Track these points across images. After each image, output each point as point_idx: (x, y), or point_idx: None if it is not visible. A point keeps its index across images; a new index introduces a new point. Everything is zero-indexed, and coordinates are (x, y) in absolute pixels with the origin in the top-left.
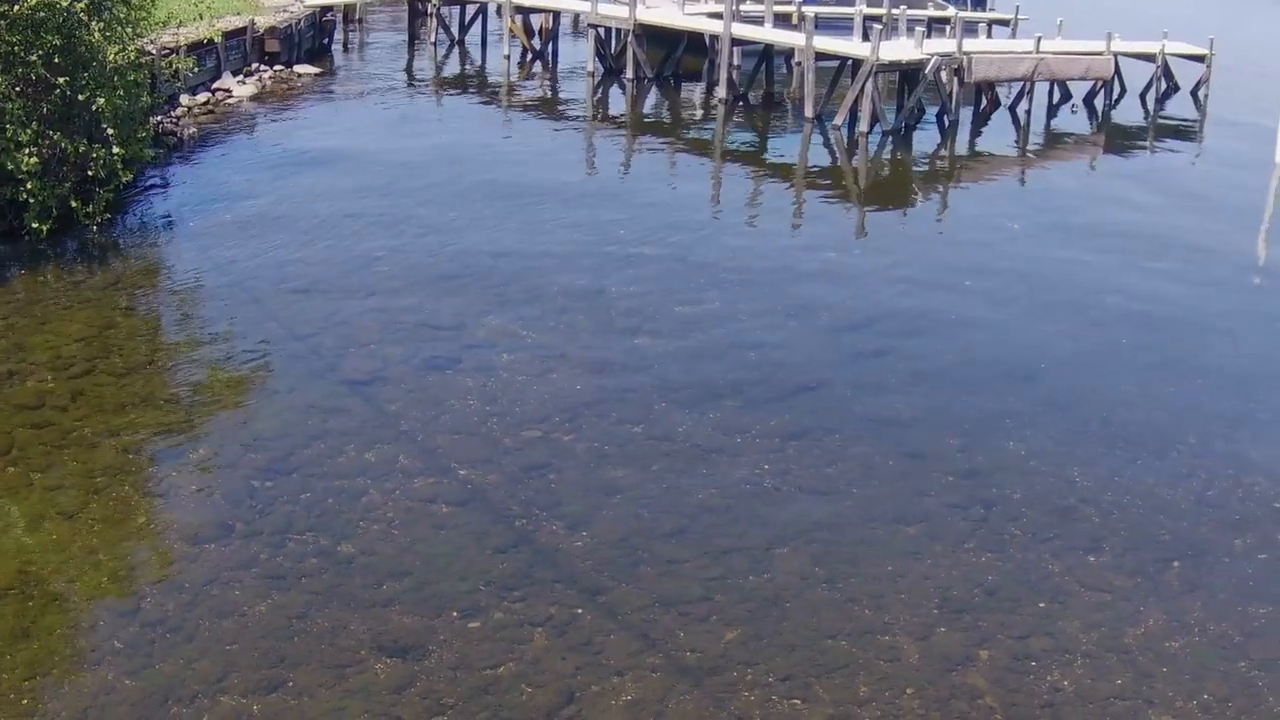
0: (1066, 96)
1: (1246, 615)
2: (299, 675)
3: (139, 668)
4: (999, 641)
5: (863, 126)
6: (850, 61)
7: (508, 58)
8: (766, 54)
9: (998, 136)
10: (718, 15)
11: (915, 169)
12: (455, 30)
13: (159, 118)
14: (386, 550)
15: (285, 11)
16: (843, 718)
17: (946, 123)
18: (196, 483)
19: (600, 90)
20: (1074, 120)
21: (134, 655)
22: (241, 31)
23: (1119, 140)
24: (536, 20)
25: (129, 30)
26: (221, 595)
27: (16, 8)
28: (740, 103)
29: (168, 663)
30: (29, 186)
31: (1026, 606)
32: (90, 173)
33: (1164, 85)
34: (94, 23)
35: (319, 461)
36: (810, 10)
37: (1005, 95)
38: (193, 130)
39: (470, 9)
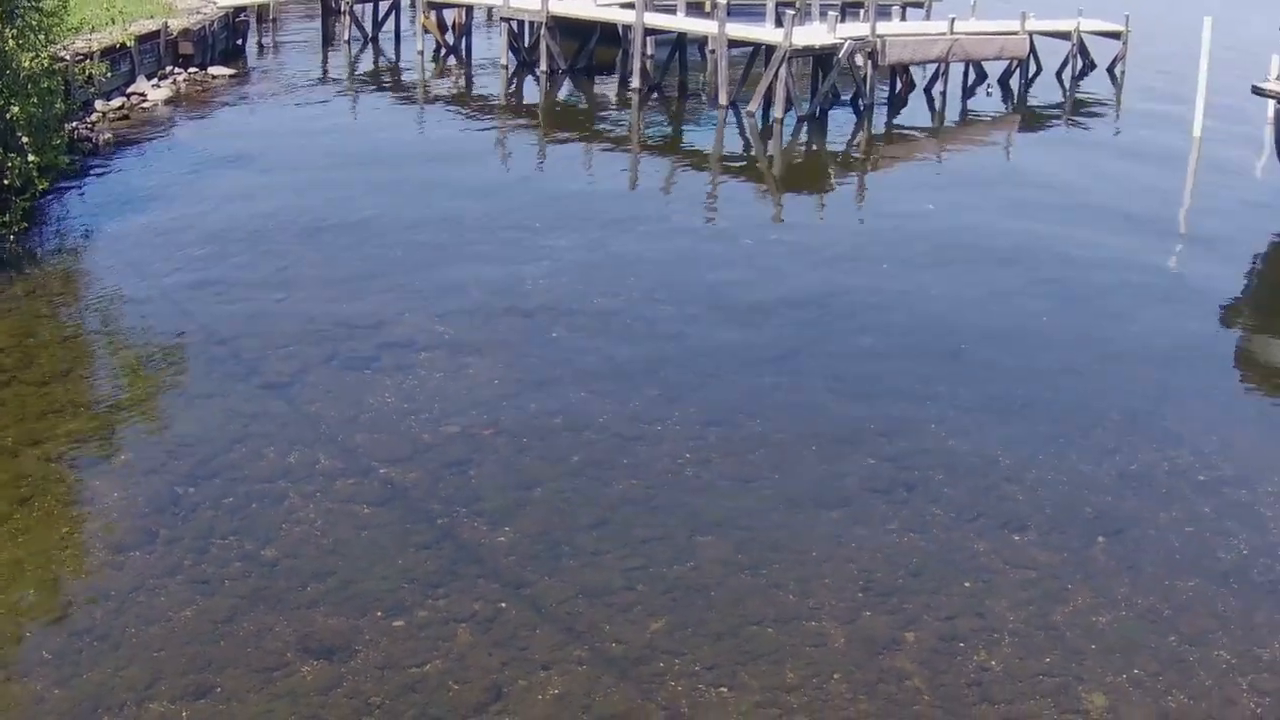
0: (982, 77)
1: (1174, 589)
2: (226, 680)
3: (67, 677)
4: (925, 623)
5: (777, 112)
6: (764, 48)
7: (421, 53)
8: (680, 43)
9: (913, 119)
10: (630, 5)
11: (830, 153)
12: (369, 27)
13: (74, 124)
14: (309, 552)
15: (199, 13)
16: (770, 704)
17: (861, 106)
18: (120, 490)
19: (514, 83)
20: (990, 101)
21: (62, 665)
22: (155, 35)
23: (1035, 120)
24: (450, 15)
25: (42, 37)
26: (147, 602)
27: None
28: (655, 92)
29: (96, 671)
30: None
31: (952, 587)
32: (6, 181)
33: (1080, 63)
34: (7, 30)
35: (241, 465)
36: None
37: (920, 77)
38: (108, 136)
39: (383, 6)
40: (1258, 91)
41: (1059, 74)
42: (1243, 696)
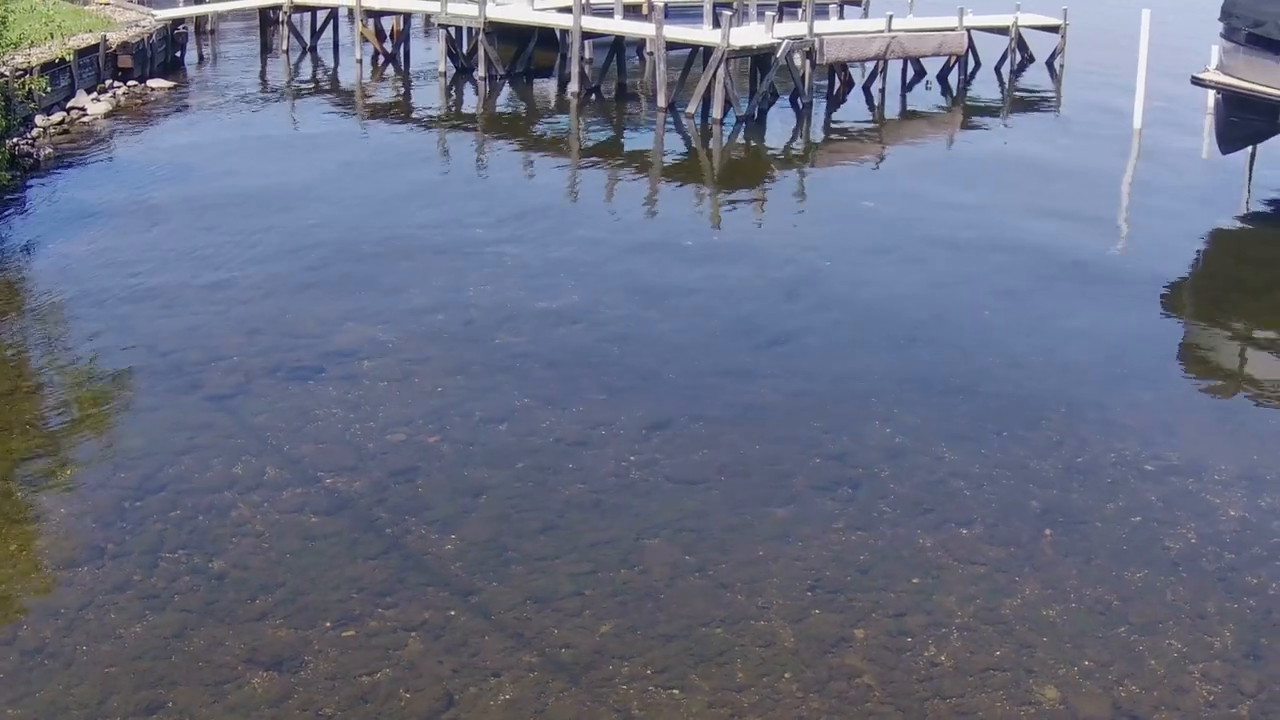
0: (921, 74)
1: (1123, 579)
2: (178, 695)
3: (19, 696)
4: (874, 620)
5: (716, 113)
6: (702, 49)
7: (360, 62)
8: (617, 45)
9: (852, 117)
10: (568, 9)
11: (770, 153)
12: (307, 37)
13: (14, 140)
14: (258, 564)
15: (137, 26)
16: (721, 705)
17: (800, 105)
18: (67, 506)
19: (453, 90)
20: (929, 97)
21: (14, 684)
22: (94, 49)
23: (974, 115)
24: (387, 23)
25: None
26: (97, 619)
27: None
28: (593, 96)
29: (48, 690)
30: None
31: (900, 583)
32: None
33: (1019, 58)
34: None
35: (187, 478)
36: (660, 0)
37: (859, 75)
38: (49, 151)
39: (321, 15)
40: (1197, 82)
41: (998, 69)
42: (1195, 685)
